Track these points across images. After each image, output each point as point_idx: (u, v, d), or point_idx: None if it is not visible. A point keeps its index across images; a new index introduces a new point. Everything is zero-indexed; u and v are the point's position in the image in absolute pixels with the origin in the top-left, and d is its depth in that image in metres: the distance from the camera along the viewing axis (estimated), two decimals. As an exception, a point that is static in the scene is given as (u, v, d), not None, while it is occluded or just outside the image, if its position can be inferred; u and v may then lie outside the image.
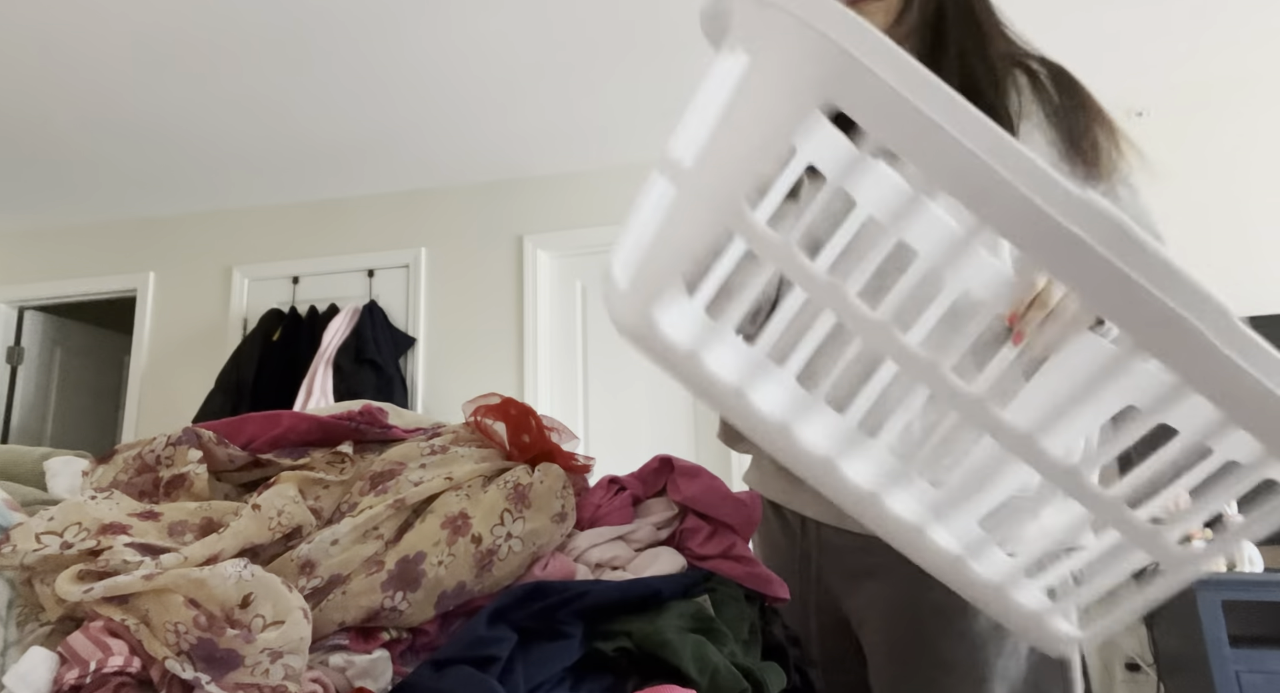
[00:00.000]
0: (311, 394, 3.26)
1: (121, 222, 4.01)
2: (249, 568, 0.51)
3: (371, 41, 2.61)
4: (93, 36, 2.54)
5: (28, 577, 0.52)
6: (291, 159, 3.42)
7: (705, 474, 0.74)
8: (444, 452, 0.70)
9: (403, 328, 3.56)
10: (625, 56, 2.73)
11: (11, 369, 4.10)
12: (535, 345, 3.42)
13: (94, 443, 4.41)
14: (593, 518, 0.70)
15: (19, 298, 4.08)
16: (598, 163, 3.50)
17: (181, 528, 0.58)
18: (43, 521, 0.53)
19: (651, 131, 3.24)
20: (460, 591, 0.58)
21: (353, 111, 3.05)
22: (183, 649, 0.47)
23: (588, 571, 0.66)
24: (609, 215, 3.48)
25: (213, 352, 3.70)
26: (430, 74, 2.80)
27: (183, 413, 3.61)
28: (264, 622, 0.49)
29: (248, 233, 3.86)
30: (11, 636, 0.49)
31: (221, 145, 3.28)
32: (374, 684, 0.52)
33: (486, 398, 0.73)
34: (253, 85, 2.85)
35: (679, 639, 0.56)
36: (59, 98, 2.89)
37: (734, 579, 0.69)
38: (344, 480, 0.67)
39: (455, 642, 0.55)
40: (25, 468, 0.70)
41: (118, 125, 3.10)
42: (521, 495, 0.64)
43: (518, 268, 3.52)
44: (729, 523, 0.72)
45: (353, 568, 0.56)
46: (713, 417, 3.24)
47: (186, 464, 0.64)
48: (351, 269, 3.70)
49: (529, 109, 3.06)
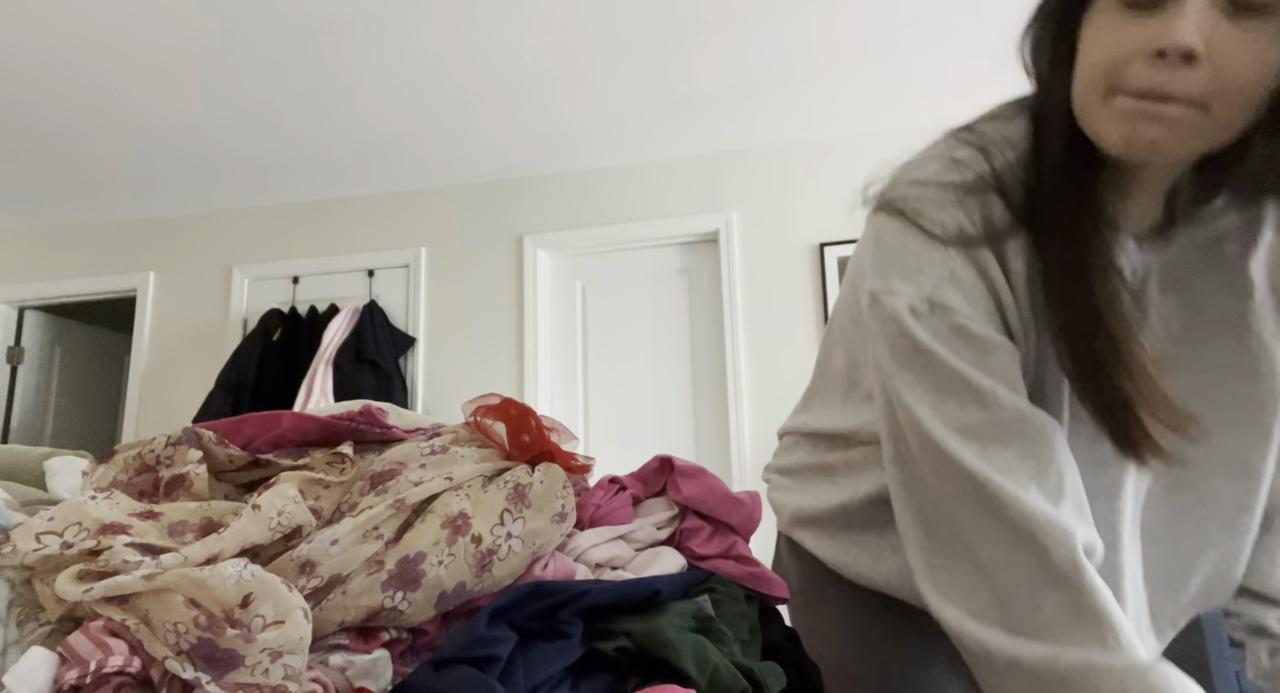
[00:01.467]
0: (311, 394, 3.26)
1: (121, 222, 4.01)
2: (249, 568, 0.51)
3: (372, 42, 2.61)
4: (93, 37, 2.54)
5: (28, 577, 0.52)
6: (292, 159, 3.42)
7: (705, 474, 0.74)
8: (444, 452, 0.70)
9: (403, 328, 3.56)
10: (625, 57, 2.73)
11: (11, 369, 4.10)
12: (535, 345, 3.42)
13: (94, 443, 4.41)
14: (593, 518, 0.70)
15: (19, 298, 4.08)
16: (598, 163, 3.51)
17: (181, 528, 0.58)
18: (43, 520, 0.53)
19: (651, 131, 3.24)
20: (460, 591, 0.58)
21: (353, 112, 3.05)
22: (183, 649, 0.47)
23: (588, 571, 0.66)
24: (609, 215, 3.48)
25: (213, 352, 3.70)
26: (430, 75, 2.80)
27: (183, 413, 3.61)
28: (264, 622, 0.49)
29: (248, 233, 3.86)
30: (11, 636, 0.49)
31: (221, 145, 3.28)
32: (374, 684, 0.52)
33: (486, 398, 0.73)
34: (253, 85, 2.85)
35: (679, 639, 0.56)
36: (59, 98, 2.89)
37: (734, 579, 0.69)
38: (344, 481, 0.67)
39: (455, 642, 0.55)
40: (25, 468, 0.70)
41: (118, 125, 3.10)
42: (521, 495, 0.64)
43: (518, 268, 3.52)
44: (729, 523, 0.72)
45: (353, 568, 0.56)
46: (712, 416, 3.24)
47: (186, 464, 0.64)
48: (351, 269, 3.70)
49: (529, 109, 3.06)
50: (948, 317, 0.65)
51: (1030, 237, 0.66)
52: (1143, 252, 0.68)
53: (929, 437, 0.64)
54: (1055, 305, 0.65)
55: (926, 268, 0.66)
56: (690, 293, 3.41)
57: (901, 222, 0.68)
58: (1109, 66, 0.59)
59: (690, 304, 3.40)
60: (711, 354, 3.31)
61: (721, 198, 3.37)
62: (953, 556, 0.63)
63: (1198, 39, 0.55)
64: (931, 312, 0.65)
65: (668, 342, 3.38)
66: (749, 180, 3.36)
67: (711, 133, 3.27)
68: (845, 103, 3.05)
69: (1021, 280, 0.66)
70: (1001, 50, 2.73)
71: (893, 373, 0.66)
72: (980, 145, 0.69)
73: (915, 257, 0.66)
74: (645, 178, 3.47)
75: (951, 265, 0.65)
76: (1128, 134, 0.59)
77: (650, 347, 3.39)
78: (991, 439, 0.62)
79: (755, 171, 3.36)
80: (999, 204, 0.66)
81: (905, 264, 0.67)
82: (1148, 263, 0.69)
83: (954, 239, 0.65)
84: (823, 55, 2.75)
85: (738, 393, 3.16)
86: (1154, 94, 0.57)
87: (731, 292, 3.26)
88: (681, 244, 3.45)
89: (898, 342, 0.66)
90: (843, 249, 3.18)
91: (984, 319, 0.65)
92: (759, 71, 2.84)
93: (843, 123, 3.21)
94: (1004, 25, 2.56)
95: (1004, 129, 0.70)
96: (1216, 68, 0.56)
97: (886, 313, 0.67)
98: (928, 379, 0.65)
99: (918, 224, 0.67)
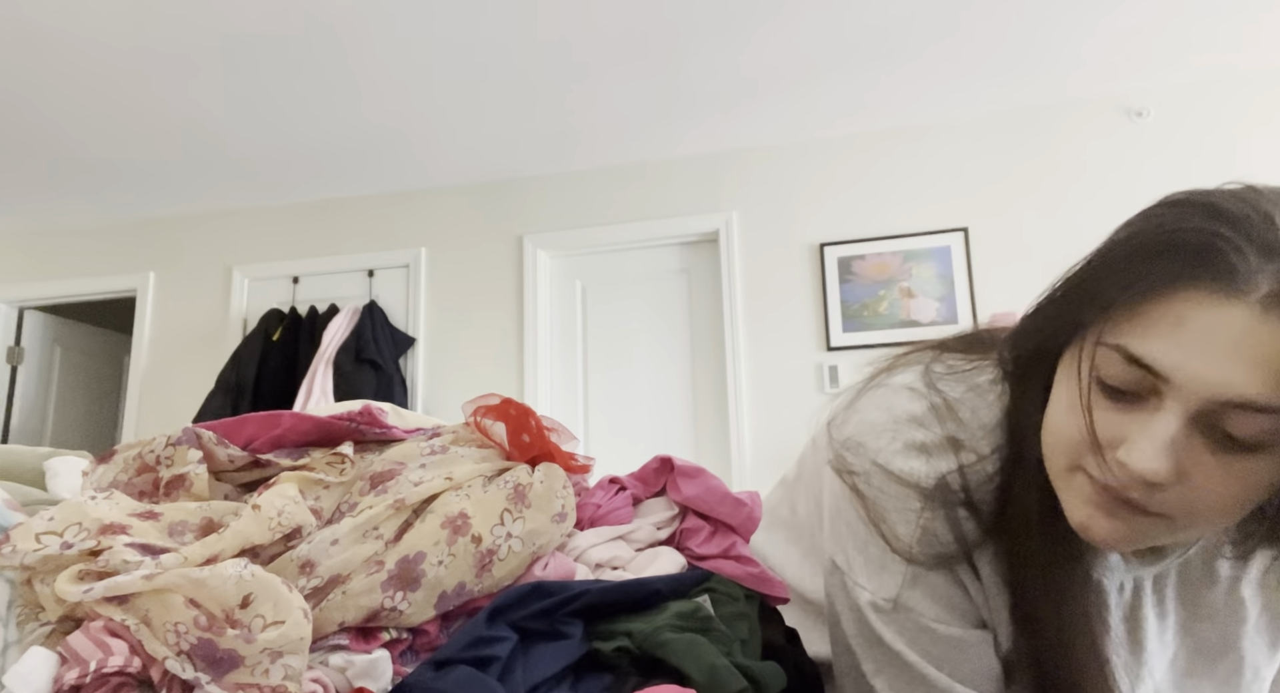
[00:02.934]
0: (311, 394, 3.26)
1: (121, 222, 4.01)
2: (249, 568, 0.51)
3: (372, 42, 2.61)
4: (93, 37, 2.54)
5: (28, 577, 0.52)
6: (292, 159, 3.42)
7: (705, 474, 0.74)
8: (444, 452, 0.70)
9: (403, 328, 3.56)
10: (625, 57, 2.73)
11: (11, 369, 4.10)
12: (535, 345, 3.42)
13: (94, 443, 4.41)
14: (593, 518, 0.70)
15: (19, 298, 4.08)
16: (598, 163, 3.51)
17: (181, 528, 0.58)
18: (43, 521, 0.53)
19: (651, 132, 3.24)
20: (460, 591, 0.58)
21: (353, 111, 3.05)
22: (183, 649, 0.47)
23: (588, 571, 0.66)
24: (609, 215, 3.48)
25: (213, 352, 3.70)
26: (430, 75, 2.80)
27: (183, 413, 3.61)
28: (264, 622, 0.49)
29: (248, 233, 3.86)
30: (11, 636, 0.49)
31: (221, 145, 3.28)
32: (374, 684, 0.52)
33: (486, 398, 0.73)
34: (253, 85, 2.85)
35: (678, 639, 0.56)
36: (59, 98, 2.89)
37: (734, 579, 0.68)
38: (344, 481, 0.67)
39: (455, 642, 0.55)
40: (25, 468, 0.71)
41: (118, 125, 3.10)
42: (521, 495, 0.64)
43: (518, 268, 3.52)
44: (729, 523, 0.72)
45: (353, 568, 0.56)
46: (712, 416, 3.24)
47: (186, 464, 0.64)
48: (351, 269, 3.70)
49: (529, 109, 3.06)
50: (914, 617, 0.62)
51: (1002, 543, 0.61)
52: (1129, 566, 0.63)
53: None
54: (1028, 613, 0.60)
55: (891, 567, 0.62)
56: (690, 293, 3.41)
57: (864, 510, 0.63)
58: (1072, 444, 0.53)
59: (690, 304, 3.40)
60: (711, 354, 3.31)
61: (721, 198, 3.37)
62: None
63: (1166, 468, 0.48)
64: (896, 610, 0.62)
65: (668, 341, 3.38)
66: (749, 180, 3.36)
67: (711, 133, 3.27)
68: (845, 103, 3.05)
69: (993, 582, 0.62)
70: (1000, 52, 2.73)
71: (861, 655, 0.64)
72: (950, 434, 0.62)
73: (880, 555, 0.62)
74: (645, 178, 3.47)
75: (915, 572, 0.61)
76: (1084, 522, 0.53)
77: (650, 346, 3.39)
78: None
79: (755, 172, 3.36)
80: (969, 520, 0.61)
81: (869, 557, 0.63)
82: (1137, 578, 0.64)
83: (918, 556, 0.61)
84: (823, 55, 2.75)
85: (738, 393, 3.16)
86: (1113, 492, 0.51)
87: (731, 292, 3.26)
88: (681, 244, 3.45)
89: (863, 629, 0.64)
90: (843, 249, 3.18)
91: (953, 619, 0.62)
92: (759, 71, 2.84)
93: (843, 123, 3.21)
94: (1004, 25, 2.56)
95: (974, 401, 0.63)
96: (1189, 490, 0.49)
97: (849, 598, 0.64)
98: (892, 671, 0.63)
99: (879, 529, 0.62)
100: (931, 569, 0.61)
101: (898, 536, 0.61)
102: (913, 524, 0.61)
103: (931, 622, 0.62)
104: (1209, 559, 0.65)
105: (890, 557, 0.62)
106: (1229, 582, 0.65)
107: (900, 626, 0.62)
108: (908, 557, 0.61)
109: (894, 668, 0.63)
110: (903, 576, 0.62)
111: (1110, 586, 0.63)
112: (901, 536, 0.61)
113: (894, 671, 0.63)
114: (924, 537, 0.61)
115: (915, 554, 0.61)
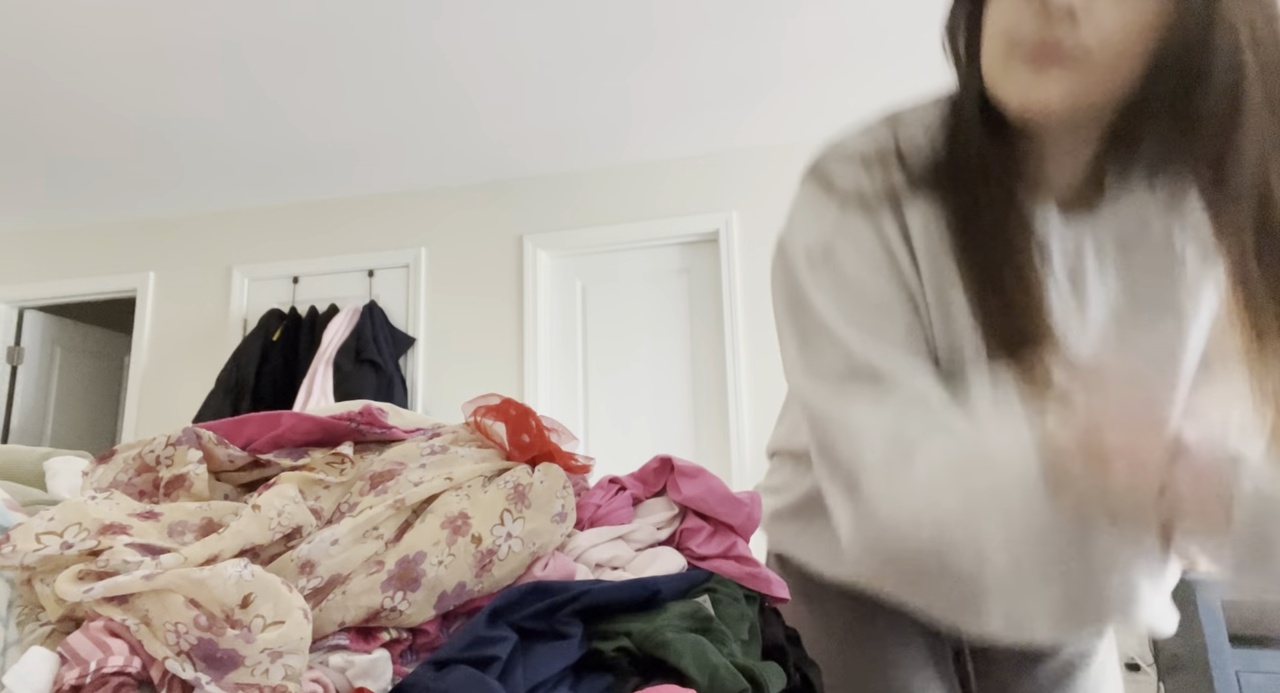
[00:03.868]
0: (311, 394, 3.26)
1: (121, 222, 4.01)
2: (249, 568, 0.51)
3: (371, 42, 2.61)
4: (93, 37, 2.54)
5: (28, 577, 0.52)
6: (292, 159, 3.42)
7: (705, 474, 0.74)
8: (444, 452, 0.70)
9: (403, 328, 3.56)
10: (625, 56, 2.73)
11: (11, 369, 4.10)
12: (535, 345, 3.42)
13: (94, 443, 4.41)
14: (593, 518, 0.70)
15: (19, 298, 4.08)
16: (598, 163, 3.50)
17: (181, 528, 0.58)
18: (43, 520, 0.53)
19: (651, 131, 3.24)
20: (460, 591, 0.58)
21: (353, 111, 3.05)
22: (183, 649, 0.47)
23: (588, 571, 0.66)
24: (609, 215, 3.48)
25: (213, 352, 3.70)
26: (430, 74, 2.80)
27: (183, 413, 3.61)
28: (264, 622, 0.49)
29: (248, 233, 3.86)
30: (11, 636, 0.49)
31: (221, 145, 3.28)
32: (374, 684, 0.52)
33: (486, 398, 0.73)
34: (253, 85, 2.85)
35: (679, 639, 0.56)
36: (59, 98, 2.89)
37: (734, 579, 0.68)
38: (344, 481, 0.67)
39: (455, 642, 0.55)
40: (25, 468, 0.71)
41: (118, 125, 3.10)
42: (521, 495, 0.64)
43: (518, 268, 3.52)
44: (729, 523, 0.72)
45: (353, 568, 0.56)
46: (712, 417, 3.23)
47: (186, 464, 0.64)
48: (351, 269, 3.70)
49: (529, 109, 3.06)
50: (840, 271, 0.70)
51: (936, 196, 0.70)
52: (1070, 225, 0.70)
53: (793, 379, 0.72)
54: (964, 249, 0.68)
55: (825, 214, 0.73)
56: (690, 293, 3.41)
57: (813, 182, 0.75)
58: (1006, 29, 0.63)
59: (690, 304, 3.40)
60: (711, 354, 3.31)
61: (721, 198, 3.37)
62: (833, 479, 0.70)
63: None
64: (826, 260, 0.71)
65: (668, 342, 3.38)
66: (749, 180, 3.36)
67: (711, 133, 3.27)
68: (845, 102, 3.05)
69: (923, 240, 0.70)
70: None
71: (788, 330, 0.74)
72: (892, 122, 0.76)
73: (820, 206, 0.73)
74: (645, 178, 3.47)
75: (848, 221, 0.71)
76: (1022, 98, 0.63)
77: (650, 347, 3.39)
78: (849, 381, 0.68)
79: (755, 172, 3.36)
80: (898, 170, 0.72)
81: (809, 212, 0.74)
82: (1079, 236, 0.71)
83: (853, 198, 0.72)
84: (822, 55, 2.75)
85: (738, 393, 3.16)
86: (1043, 51, 0.61)
87: (731, 291, 3.26)
88: (681, 244, 3.45)
89: (793, 293, 0.73)
90: (843, 249, 3.18)
91: (878, 278, 0.70)
92: (759, 71, 2.84)
93: (843, 123, 3.21)
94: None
95: (922, 114, 0.76)
96: (1096, 25, 0.59)
97: (786, 261, 0.74)
98: (819, 342, 0.70)
99: (824, 182, 0.74)
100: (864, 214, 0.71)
101: (839, 179, 0.73)
102: (852, 170, 0.73)
103: (855, 274, 0.70)
104: (1143, 225, 0.71)
105: (824, 204, 0.73)
106: (1162, 235, 0.71)
107: (826, 284, 0.71)
108: (842, 197, 0.72)
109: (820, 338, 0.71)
110: (834, 222, 0.72)
111: (1053, 244, 0.70)
112: (840, 180, 0.73)
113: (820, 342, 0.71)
114: (860, 182, 0.72)
115: (849, 195, 0.72)
